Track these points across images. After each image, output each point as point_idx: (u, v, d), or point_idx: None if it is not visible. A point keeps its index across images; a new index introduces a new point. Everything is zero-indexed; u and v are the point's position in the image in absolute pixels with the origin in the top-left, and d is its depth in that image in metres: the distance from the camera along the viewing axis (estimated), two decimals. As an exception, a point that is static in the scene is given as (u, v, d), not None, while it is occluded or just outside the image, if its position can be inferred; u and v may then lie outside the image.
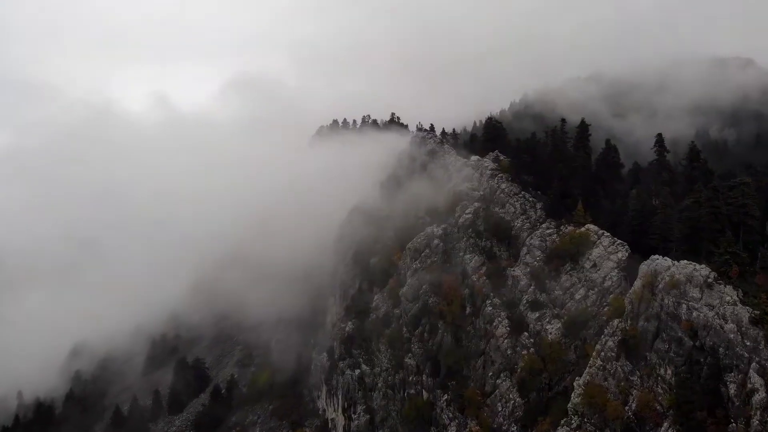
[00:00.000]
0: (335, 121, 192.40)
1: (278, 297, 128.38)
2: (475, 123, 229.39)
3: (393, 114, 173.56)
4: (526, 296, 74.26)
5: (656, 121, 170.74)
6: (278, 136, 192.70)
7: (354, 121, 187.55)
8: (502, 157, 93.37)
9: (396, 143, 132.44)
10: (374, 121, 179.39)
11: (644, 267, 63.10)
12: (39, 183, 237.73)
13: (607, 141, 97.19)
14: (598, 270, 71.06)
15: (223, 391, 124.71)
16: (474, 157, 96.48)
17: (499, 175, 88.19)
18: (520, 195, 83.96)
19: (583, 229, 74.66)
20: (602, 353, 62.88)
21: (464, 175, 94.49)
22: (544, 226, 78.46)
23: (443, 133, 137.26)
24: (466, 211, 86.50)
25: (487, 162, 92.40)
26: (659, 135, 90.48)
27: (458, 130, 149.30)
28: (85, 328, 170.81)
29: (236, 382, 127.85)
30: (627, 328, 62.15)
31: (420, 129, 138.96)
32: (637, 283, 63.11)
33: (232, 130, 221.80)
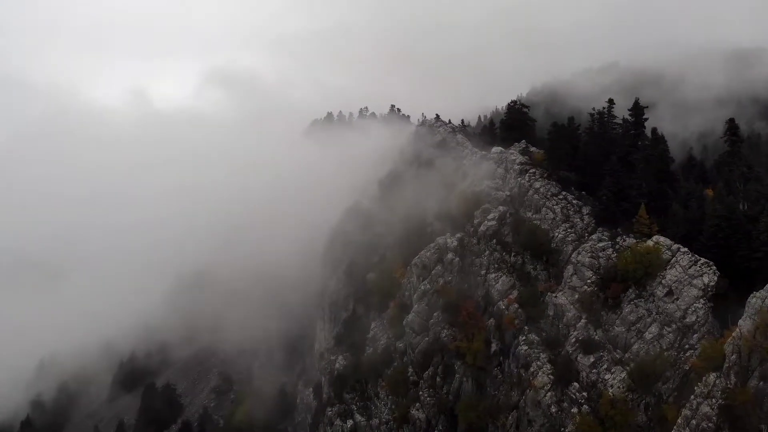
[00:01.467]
0: (330, 114, 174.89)
1: (261, 313, 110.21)
2: (479, 118, 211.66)
3: (393, 105, 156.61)
4: (575, 333, 55.32)
5: (680, 115, 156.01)
6: (267, 133, 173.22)
7: (350, 113, 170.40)
8: (532, 149, 74.36)
9: (397, 136, 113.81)
10: (373, 114, 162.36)
11: (756, 301, 44.50)
12: (6, 183, 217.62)
13: (654, 130, 78.14)
14: (676, 299, 52.13)
15: (195, 425, 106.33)
16: (496, 149, 77.38)
17: (531, 171, 69.02)
18: (561, 196, 64.89)
19: (650, 242, 55.71)
20: (693, 421, 44.44)
21: (484, 171, 75.59)
22: (594, 237, 59.50)
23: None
24: (489, 217, 67.54)
25: (514, 154, 73.32)
26: (731, 120, 71.55)
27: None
28: (54, 341, 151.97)
29: (210, 415, 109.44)
30: (730, 387, 43.64)
31: (424, 121, 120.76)
32: (746, 324, 44.44)
33: (217, 128, 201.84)
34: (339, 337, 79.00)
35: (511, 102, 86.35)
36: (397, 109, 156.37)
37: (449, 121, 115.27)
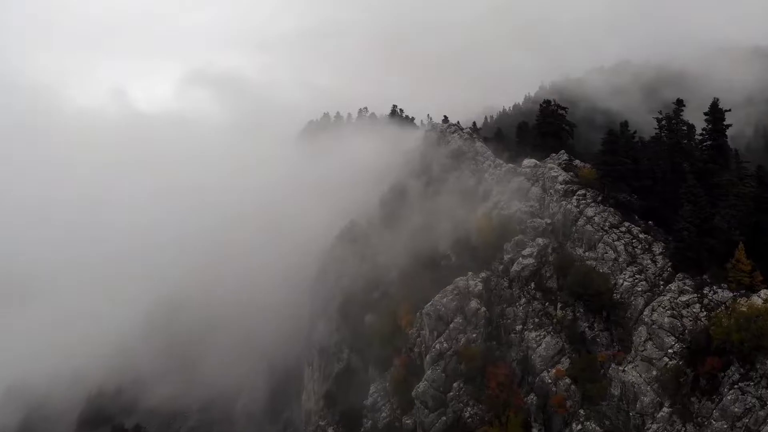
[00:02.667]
0: (326, 115, 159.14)
1: (245, 348, 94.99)
2: (486, 119, 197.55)
3: (395, 106, 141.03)
4: (655, 426, 39.48)
5: (700, 117, 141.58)
6: (258, 137, 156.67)
7: (349, 114, 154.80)
8: (577, 162, 58.55)
9: (401, 141, 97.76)
10: (373, 115, 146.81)
11: None
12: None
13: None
14: (806, 387, 36.39)
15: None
16: (528, 161, 61.37)
17: (579, 193, 53.15)
18: (623, 228, 48.99)
19: (757, 299, 39.92)
20: None
21: (513, 190, 59.74)
22: (673, 287, 43.66)
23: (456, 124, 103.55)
24: (524, 252, 51.77)
25: (555, 170, 57.30)
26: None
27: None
28: (20, 367, 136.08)
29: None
30: None
31: (434, 125, 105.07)
32: None
33: (206, 132, 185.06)
34: (330, 395, 63.24)
35: (544, 102, 70.20)
36: (400, 109, 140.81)
37: (457, 122, 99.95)
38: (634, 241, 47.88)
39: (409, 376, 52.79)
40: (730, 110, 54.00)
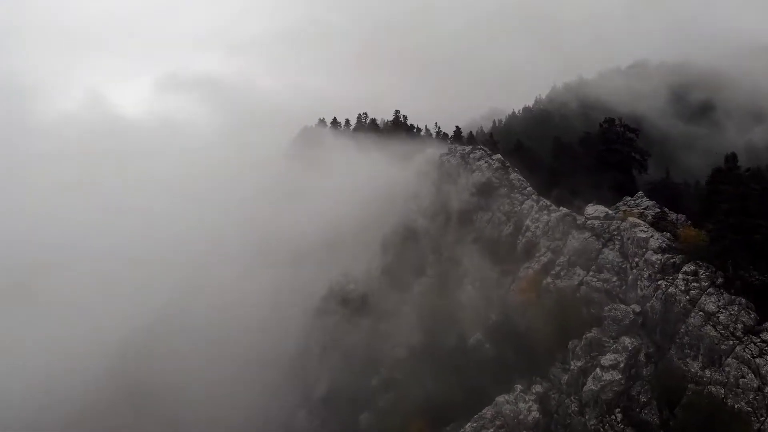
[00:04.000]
0: (322, 121, 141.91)
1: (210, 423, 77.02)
2: (494, 122, 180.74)
3: (397, 112, 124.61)
4: None
5: (735, 124, 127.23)
6: (245, 149, 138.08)
7: (347, 120, 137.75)
8: (670, 214, 40.62)
9: (408, 160, 79.41)
10: (373, 121, 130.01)
11: None
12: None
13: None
14: None
15: None
16: (594, 209, 43.16)
17: (687, 269, 35.16)
18: (765, 334, 31.16)
19: None
20: None
21: (575, 250, 41.66)
22: None
23: (470, 137, 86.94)
24: (604, 360, 33.80)
25: (641, 227, 39.07)
26: None
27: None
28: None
29: None
30: None
31: (446, 136, 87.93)
32: None
33: (185, 138, 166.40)
34: None
35: (606, 120, 52.04)
36: (403, 116, 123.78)
37: (472, 132, 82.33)
38: (788, 357, 29.98)
39: None
40: None
